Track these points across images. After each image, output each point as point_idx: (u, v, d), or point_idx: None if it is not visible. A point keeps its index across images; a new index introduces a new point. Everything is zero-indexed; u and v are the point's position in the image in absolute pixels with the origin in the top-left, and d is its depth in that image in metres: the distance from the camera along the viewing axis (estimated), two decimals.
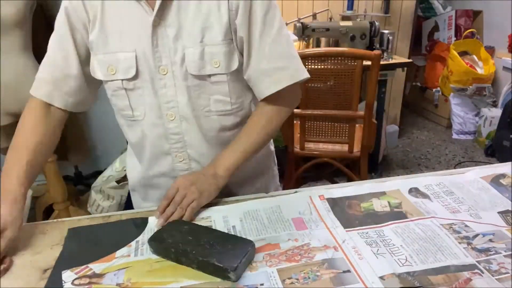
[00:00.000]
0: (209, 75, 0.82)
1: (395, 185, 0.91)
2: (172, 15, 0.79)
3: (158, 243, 0.70)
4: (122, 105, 0.87)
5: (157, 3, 0.77)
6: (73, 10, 0.82)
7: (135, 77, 0.83)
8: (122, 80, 0.83)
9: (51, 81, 0.85)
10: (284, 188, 2.11)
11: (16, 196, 0.75)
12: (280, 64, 0.84)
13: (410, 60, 2.69)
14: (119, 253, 0.71)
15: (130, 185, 1.05)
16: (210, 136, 0.89)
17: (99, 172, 2.24)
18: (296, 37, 2.41)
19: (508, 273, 0.64)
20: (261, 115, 0.88)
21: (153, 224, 0.79)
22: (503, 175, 0.93)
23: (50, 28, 0.85)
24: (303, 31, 2.41)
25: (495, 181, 0.92)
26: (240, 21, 0.79)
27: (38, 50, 1.75)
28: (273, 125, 0.89)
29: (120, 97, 0.86)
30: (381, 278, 0.63)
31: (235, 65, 0.83)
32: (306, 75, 0.86)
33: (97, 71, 0.85)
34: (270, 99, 0.86)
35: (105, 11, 0.80)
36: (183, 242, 0.69)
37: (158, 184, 0.96)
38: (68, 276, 0.66)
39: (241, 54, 0.84)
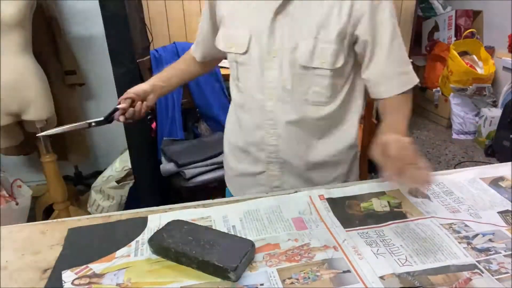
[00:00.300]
0: (315, 68, 0.88)
1: (395, 185, 0.91)
2: (294, 6, 0.85)
3: (158, 243, 0.70)
4: (233, 74, 1.00)
5: None
6: None
7: (245, 53, 0.92)
8: (235, 53, 0.94)
9: (198, 41, 1.11)
10: None
11: (153, 84, 1.05)
12: (404, 69, 0.93)
13: (410, 60, 2.69)
14: (119, 253, 0.71)
15: (225, 148, 1.14)
16: (300, 121, 0.94)
17: (99, 172, 2.24)
18: None
19: (508, 273, 0.64)
20: (401, 111, 0.92)
21: (154, 224, 0.79)
22: (502, 178, 0.93)
23: (50, 28, 0.86)
24: None
25: (494, 183, 0.92)
26: (364, 27, 0.87)
27: (38, 50, 1.75)
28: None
29: (232, 68, 0.99)
30: (381, 278, 0.63)
31: (339, 63, 0.89)
32: (417, 80, 0.95)
33: (220, 42, 0.98)
34: (400, 98, 0.92)
35: None
36: (183, 242, 0.69)
37: (248, 151, 1.03)
38: (68, 276, 0.66)
39: (352, 54, 0.92)
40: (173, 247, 0.68)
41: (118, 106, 0.99)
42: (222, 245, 0.68)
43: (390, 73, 0.91)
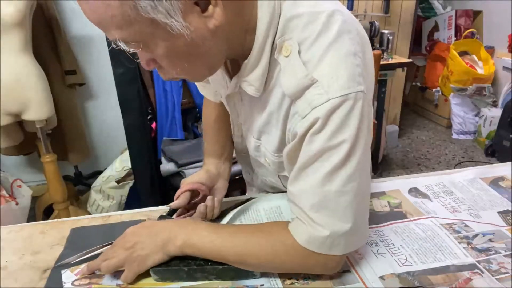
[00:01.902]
0: (264, 164, 0.76)
1: (395, 185, 0.91)
2: (246, 96, 0.68)
3: (165, 269, 0.64)
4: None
5: (231, 85, 0.68)
6: None
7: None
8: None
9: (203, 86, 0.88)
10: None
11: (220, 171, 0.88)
12: (297, 213, 0.63)
13: (410, 60, 2.69)
14: None
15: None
16: (274, 181, 0.84)
17: (99, 172, 2.24)
18: None
19: (508, 273, 0.64)
20: (264, 239, 0.65)
21: None
22: (502, 178, 0.93)
23: (50, 28, 0.85)
24: None
25: (495, 183, 0.92)
26: (287, 150, 0.64)
27: (38, 50, 1.75)
28: (273, 262, 0.64)
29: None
30: (381, 278, 0.63)
31: (283, 171, 0.72)
32: (346, 251, 0.61)
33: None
34: (285, 230, 0.64)
35: None
36: (192, 257, 0.65)
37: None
38: (68, 276, 0.66)
39: None
40: (183, 266, 0.64)
41: (172, 206, 0.76)
42: None
43: (290, 199, 0.65)
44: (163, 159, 1.90)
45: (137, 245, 0.64)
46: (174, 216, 0.77)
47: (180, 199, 0.78)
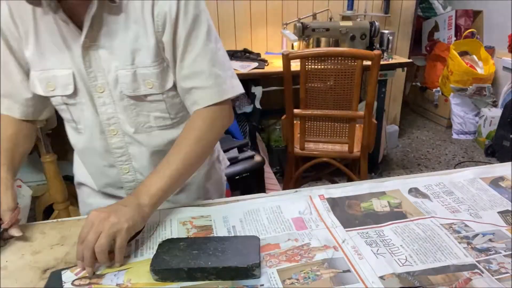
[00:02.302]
0: (145, 95, 0.82)
1: (395, 185, 0.91)
2: (102, 37, 0.77)
3: (165, 269, 0.64)
4: (66, 117, 0.89)
5: (85, 26, 0.74)
6: (5, 26, 0.79)
7: (74, 94, 0.82)
8: (61, 96, 0.83)
9: (6, 95, 0.86)
10: (284, 188, 2.12)
11: (7, 184, 0.77)
12: (199, 84, 0.81)
13: (410, 60, 2.69)
14: None
15: (76, 184, 1.03)
16: (154, 150, 0.89)
17: None
18: (296, 37, 2.41)
19: (508, 273, 0.64)
20: (190, 131, 0.83)
21: (153, 221, 0.79)
22: (502, 178, 0.93)
23: None
24: (303, 31, 2.41)
25: (494, 183, 0.92)
26: (166, 40, 0.78)
27: None
28: (203, 143, 0.82)
29: (63, 111, 0.87)
30: (381, 278, 0.63)
31: (169, 85, 0.83)
32: (232, 92, 0.84)
33: (37, 87, 0.83)
34: (200, 114, 0.83)
35: (38, 26, 0.78)
36: (192, 257, 0.65)
37: (106, 192, 0.96)
38: (68, 276, 0.66)
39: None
40: (183, 266, 0.64)
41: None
42: (232, 248, 0.67)
43: (189, 88, 0.82)
44: None
45: (111, 217, 0.67)
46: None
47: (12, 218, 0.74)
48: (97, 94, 0.82)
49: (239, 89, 0.86)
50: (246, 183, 1.79)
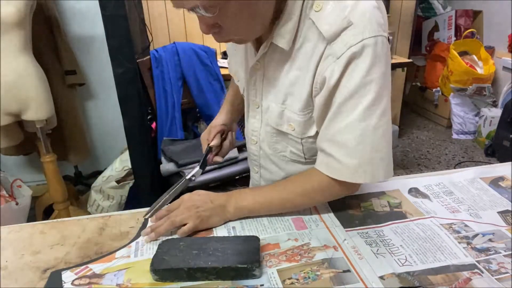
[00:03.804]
0: (285, 133, 0.82)
1: (395, 185, 0.91)
2: (268, 68, 0.79)
3: (165, 269, 0.64)
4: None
5: (259, 53, 0.78)
6: None
7: (243, 92, 0.93)
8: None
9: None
10: None
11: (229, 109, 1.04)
12: (338, 156, 0.71)
13: (410, 60, 2.69)
14: (119, 253, 0.71)
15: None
16: (277, 172, 0.91)
17: (99, 172, 2.24)
18: None
19: (507, 273, 0.64)
20: (304, 182, 0.78)
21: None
22: (502, 178, 0.93)
23: (50, 28, 0.86)
24: None
25: (494, 183, 0.92)
26: (319, 101, 0.72)
27: (38, 50, 1.75)
28: (306, 200, 0.79)
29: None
30: (381, 278, 0.63)
31: (311, 133, 0.79)
32: (369, 179, 0.71)
33: (231, 70, 1.02)
34: (322, 177, 0.75)
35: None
36: (192, 257, 0.65)
37: None
38: (68, 276, 0.66)
39: None
40: (184, 266, 0.64)
41: (212, 145, 0.96)
42: (232, 248, 0.67)
43: (322, 148, 0.74)
44: (163, 159, 1.90)
45: (198, 208, 0.77)
46: (211, 155, 0.96)
47: (216, 139, 0.97)
48: (253, 107, 0.88)
49: (380, 176, 0.71)
50: (246, 183, 1.79)
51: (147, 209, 0.86)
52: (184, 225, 0.76)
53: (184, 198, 0.80)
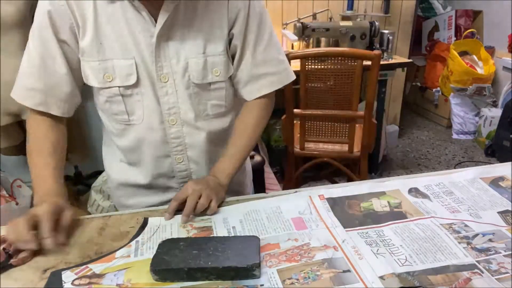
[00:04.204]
0: (210, 83, 0.88)
1: (395, 185, 0.91)
2: (176, 28, 0.81)
3: (165, 269, 0.64)
4: (116, 110, 0.88)
5: (162, 17, 0.78)
6: (57, 13, 0.78)
7: (136, 84, 0.83)
8: (119, 87, 0.83)
9: (44, 89, 0.84)
10: (284, 188, 2.11)
11: (61, 193, 0.79)
12: (271, 70, 0.92)
13: (410, 60, 2.69)
14: (119, 253, 0.71)
15: (113, 186, 1.02)
16: (208, 137, 0.93)
17: (99, 172, 2.24)
18: (296, 37, 2.41)
19: (508, 273, 0.64)
20: (250, 117, 0.94)
21: (154, 224, 0.79)
22: (502, 178, 0.93)
23: None
24: (303, 31, 2.41)
25: (495, 183, 0.92)
26: (237, 31, 0.86)
27: None
28: (260, 127, 0.96)
29: (115, 103, 0.86)
30: (381, 278, 0.63)
31: (231, 72, 0.90)
32: (292, 77, 0.96)
33: (91, 79, 0.84)
34: (258, 102, 0.94)
35: (98, 16, 0.79)
36: (192, 257, 0.65)
37: (156, 184, 0.97)
38: (68, 276, 0.66)
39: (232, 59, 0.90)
40: (184, 266, 0.64)
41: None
42: (232, 248, 0.67)
43: (257, 74, 0.91)
44: None
45: (207, 188, 0.82)
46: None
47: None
48: (160, 83, 0.84)
49: (293, 74, 0.97)
50: None
51: (147, 209, 0.86)
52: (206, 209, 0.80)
53: (190, 186, 0.82)
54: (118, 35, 0.80)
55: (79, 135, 2.20)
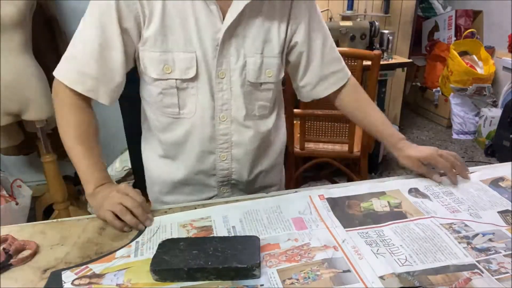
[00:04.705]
0: (261, 83, 0.90)
1: (395, 185, 0.91)
2: (240, 27, 0.83)
3: (165, 269, 0.64)
4: (169, 102, 0.87)
5: (231, 15, 0.80)
6: (124, 4, 0.78)
7: (193, 78, 0.84)
8: (176, 79, 0.84)
9: (97, 76, 0.82)
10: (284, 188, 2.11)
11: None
12: (337, 67, 0.99)
13: (410, 60, 2.69)
14: (119, 253, 0.71)
15: (150, 182, 1.03)
16: (254, 137, 0.94)
17: None
18: None
19: (508, 272, 0.64)
20: (357, 96, 1.04)
21: (154, 224, 0.79)
22: (502, 178, 0.93)
23: (50, 28, 0.85)
24: None
25: (494, 183, 0.92)
26: (301, 39, 0.91)
27: (38, 50, 1.75)
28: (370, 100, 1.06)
29: (169, 95, 0.86)
30: (381, 278, 0.63)
31: (281, 75, 0.94)
32: (349, 73, 1.02)
33: (150, 69, 0.83)
34: (346, 93, 1.02)
35: (166, 7, 0.80)
36: (192, 257, 0.65)
37: (196, 180, 0.97)
38: (68, 276, 0.66)
39: (287, 64, 0.96)
40: (184, 266, 0.64)
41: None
42: (232, 248, 0.67)
43: (325, 75, 0.97)
44: None
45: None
46: None
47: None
48: (217, 79, 0.85)
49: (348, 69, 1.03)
50: None
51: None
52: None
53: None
54: (183, 28, 0.80)
55: None
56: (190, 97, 0.86)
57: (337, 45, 2.65)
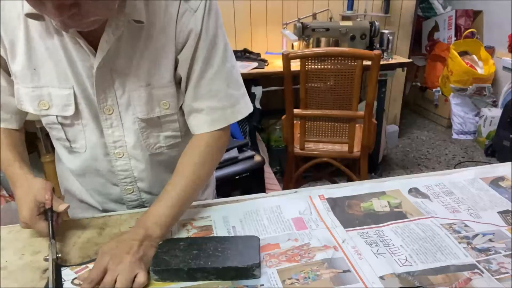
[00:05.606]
0: (159, 117, 0.78)
1: (395, 185, 0.91)
2: (118, 59, 0.72)
3: (165, 269, 0.64)
4: (57, 135, 0.81)
5: (102, 49, 0.68)
6: None
7: (75, 115, 0.76)
8: (57, 116, 0.76)
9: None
10: (284, 188, 2.11)
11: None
12: (216, 104, 0.77)
13: (410, 60, 2.69)
14: None
15: (68, 198, 0.93)
16: (161, 168, 0.86)
17: None
18: (296, 37, 2.41)
19: (508, 273, 0.64)
20: (194, 155, 0.79)
21: None
22: (502, 178, 0.93)
23: None
24: (303, 31, 2.41)
25: (495, 183, 0.92)
26: (183, 57, 0.74)
27: None
28: (208, 166, 0.80)
29: (55, 129, 0.80)
30: (381, 278, 0.63)
31: (181, 100, 0.79)
32: (244, 113, 0.81)
33: (26, 104, 0.75)
34: (204, 138, 0.79)
35: (30, 37, 0.70)
36: (192, 258, 0.65)
37: (108, 208, 0.91)
38: (67, 274, 0.66)
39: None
40: (184, 266, 0.64)
41: (61, 209, 0.74)
42: (232, 248, 0.67)
43: (202, 108, 0.78)
44: None
45: (129, 253, 0.64)
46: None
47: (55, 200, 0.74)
48: (104, 115, 0.76)
49: (250, 107, 0.82)
50: (246, 183, 1.79)
51: (147, 209, 0.86)
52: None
53: (107, 255, 0.64)
54: (55, 62, 0.71)
55: None
56: (79, 133, 0.79)
57: (337, 45, 2.66)
